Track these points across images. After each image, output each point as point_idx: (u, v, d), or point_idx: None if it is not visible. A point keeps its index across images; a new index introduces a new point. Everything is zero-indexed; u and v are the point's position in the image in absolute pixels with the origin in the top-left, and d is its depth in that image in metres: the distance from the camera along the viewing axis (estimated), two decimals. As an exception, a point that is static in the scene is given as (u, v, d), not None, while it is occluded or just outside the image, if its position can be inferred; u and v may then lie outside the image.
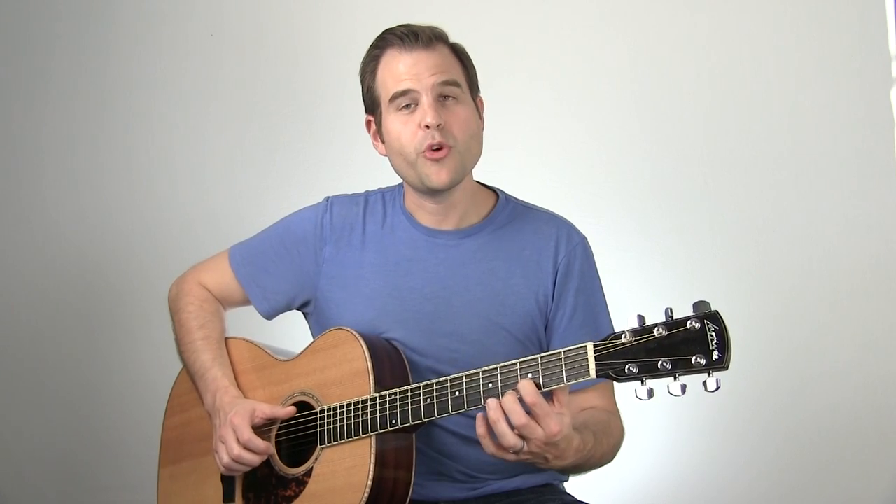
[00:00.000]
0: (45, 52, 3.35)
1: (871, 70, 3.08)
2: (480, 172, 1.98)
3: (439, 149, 1.83)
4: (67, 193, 3.33)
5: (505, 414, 1.62)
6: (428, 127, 1.82)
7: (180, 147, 3.34)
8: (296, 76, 3.33)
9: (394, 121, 1.87)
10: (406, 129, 1.85)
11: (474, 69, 1.95)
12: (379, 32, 1.93)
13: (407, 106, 1.85)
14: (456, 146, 1.85)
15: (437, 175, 1.85)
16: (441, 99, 1.85)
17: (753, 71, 3.15)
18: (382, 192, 2.04)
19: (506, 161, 2.53)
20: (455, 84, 1.86)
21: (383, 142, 1.92)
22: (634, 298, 2.06)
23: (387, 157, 1.94)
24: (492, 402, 1.64)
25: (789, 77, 3.12)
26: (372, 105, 1.93)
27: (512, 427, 1.62)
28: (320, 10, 3.34)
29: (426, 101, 1.83)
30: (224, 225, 3.06)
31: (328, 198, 2.04)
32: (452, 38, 1.93)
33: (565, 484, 2.04)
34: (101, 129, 3.34)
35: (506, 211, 1.99)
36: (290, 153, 3.29)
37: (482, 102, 1.96)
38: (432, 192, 1.90)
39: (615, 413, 1.94)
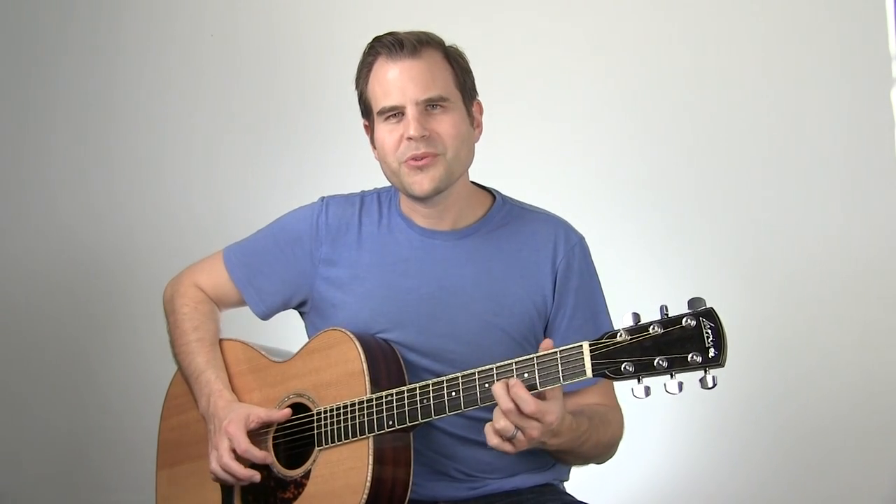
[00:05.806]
0: (50, 52, 3.36)
1: (871, 70, 3.08)
2: (478, 173, 1.98)
3: (423, 157, 1.83)
4: (70, 192, 3.34)
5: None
6: (410, 139, 1.82)
7: (182, 146, 3.35)
8: (296, 76, 3.34)
9: (382, 130, 1.87)
10: (391, 138, 1.85)
11: (470, 73, 1.92)
12: (380, 33, 1.91)
13: (395, 115, 1.85)
14: (444, 153, 1.84)
15: (420, 184, 1.85)
16: (428, 108, 1.84)
17: (753, 70, 3.15)
18: (378, 193, 2.03)
19: (501, 162, 2.53)
20: (441, 99, 1.84)
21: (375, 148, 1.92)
22: (630, 296, 2.05)
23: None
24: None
25: (789, 77, 3.12)
26: (366, 112, 1.93)
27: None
28: (325, 11, 3.35)
29: (410, 113, 1.83)
30: (227, 224, 3.05)
31: (323, 198, 2.04)
32: (449, 41, 1.90)
33: (565, 484, 2.03)
34: (105, 129, 3.35)
35: (502, 212, 1.98)
36: (289, 152, 3.30)
37: (480, 106, 1.94)
38: (419, 199, 1.90)
39: (615, 408, 1.94)
